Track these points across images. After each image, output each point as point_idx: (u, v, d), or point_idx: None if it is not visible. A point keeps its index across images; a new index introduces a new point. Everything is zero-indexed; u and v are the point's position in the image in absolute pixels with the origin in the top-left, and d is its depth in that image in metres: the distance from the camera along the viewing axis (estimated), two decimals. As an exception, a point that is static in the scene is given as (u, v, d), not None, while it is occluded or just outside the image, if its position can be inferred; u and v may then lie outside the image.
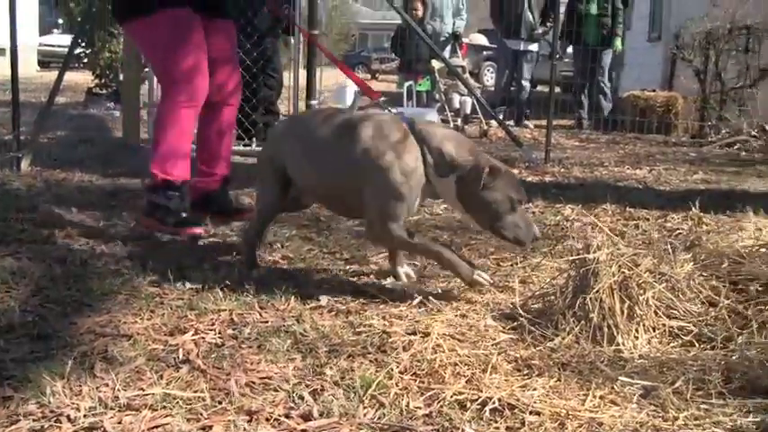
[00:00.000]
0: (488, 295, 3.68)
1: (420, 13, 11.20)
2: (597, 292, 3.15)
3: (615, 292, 3.18)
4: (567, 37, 13.02)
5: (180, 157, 4.65)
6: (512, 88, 13.22)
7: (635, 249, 3.52)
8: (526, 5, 12.62)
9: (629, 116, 12.33)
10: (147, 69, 9.50)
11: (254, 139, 8.46)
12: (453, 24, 12.47)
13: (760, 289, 3.45)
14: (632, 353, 3.03)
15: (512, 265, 4.23)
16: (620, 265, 3.24)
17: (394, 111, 3.97)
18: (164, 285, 3.71)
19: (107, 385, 2.61)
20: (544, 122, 9.33)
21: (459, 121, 11.56)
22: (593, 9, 13.06)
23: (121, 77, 10.91)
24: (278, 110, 9.45)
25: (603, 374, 2.80)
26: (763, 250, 3.78)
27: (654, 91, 12.97)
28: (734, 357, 2.96)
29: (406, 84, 10.76)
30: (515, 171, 7.44)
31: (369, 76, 36.11)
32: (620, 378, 2.75)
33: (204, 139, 4.99)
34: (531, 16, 12.64)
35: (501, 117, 11.85)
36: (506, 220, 3.58)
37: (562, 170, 7.92)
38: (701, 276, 3.56)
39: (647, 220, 5.43)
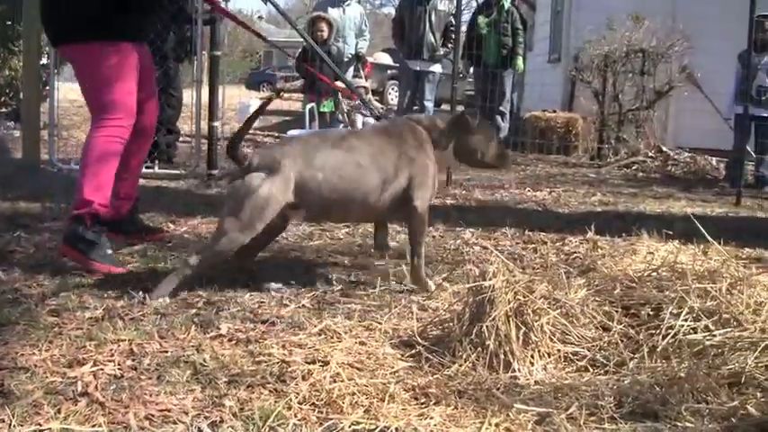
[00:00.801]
0: (387, 322, 3.72)
1: (325, 34, 11.21)
2: (493, 319, 3.21)
3: (511, 319, 3.24)
4: (468, 57, 13.18)
5: (109, 188, 4.65)
6: (414, 108, 13.31)
7: (531, 275, 3.59)
8: (428, 27, 12.72)
9: (530, 137, 12.51)
10: (47, 88, 9.40)
11: (156, 161, 8.40)
12: (356, 45, 12.52)
13: (651, 313, 3.55)
14: (528, 379, 3.09)
15: (411, 291, 4.27)
16: (515, 292, 3.30)
17: (294, 132, 4.10)
18: (63, 315, 3.66)
19: (3, 421, 2.58)
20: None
21: (363, 141, 11.59)
22: (482, 21, 13.27)
23: (21, 96, 10.74)
24: (179, 129, 9.41)
25: (499, 402, 2.84)
26: (654, 275, 3.89)
27: (554, 112, 13.19)
28: (626, 382, 3.04)
29: (309, 105, 10.77)
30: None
31: (274, 94, 35.92)
32: (515, 405, 2.80)
33: (124, 163, 4.86)
34: (432, 37, 12.74)
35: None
36: (493, 154, 4.54)
37: (463, 192, 8.01)
38: (595, 301, 3.65)
39: (546, 243, 5.52)
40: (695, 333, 3.32)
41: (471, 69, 14.13)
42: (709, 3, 13.17)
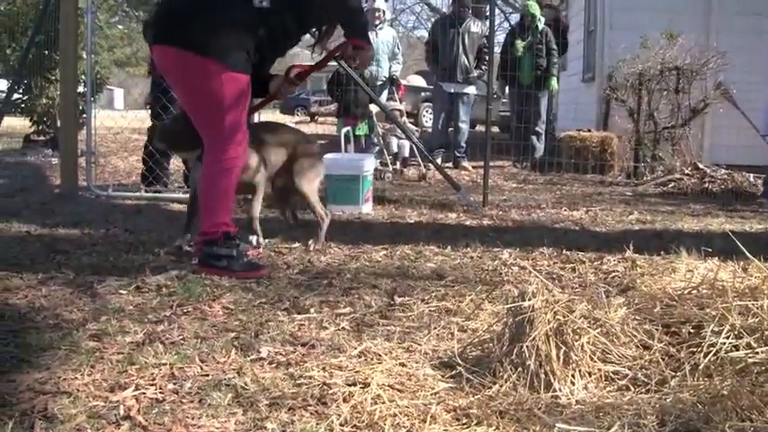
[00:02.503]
0: (427, 344, 3.71)
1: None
2: (533, 339, 3.20)
3: (551, 339, 3.23)
4: (503, 78, 13.19)
5: (231, 210, 5.23)
6: (449, 130, 13.34)
7: (570, 295, 3.58)
8: (461, 49, 12.76)
9: (566, 156, 12.48)
10: (84, 116, 9.49)
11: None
12: (390, 68, 12.56)
13: (692, 331, 3.53)
14: (569, 399, 3.08)
15: (453, 312, 4.26)
16: (555, 312, 3.29)
17: (330, 156, 4.21)
18: (104, 339, 3.68)
19: (47, 445, 2.60)
20: (482, 163, 9.39)
21: (398, 164, 11.63)
22: (519, 45, 13.31)
23: (59, 124, 10.85)
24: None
25: (541, 421, 2.83)
26: (694, 292, 3.86)
27: (589, 131, 13.14)
28: (668, 400, 3.02)
29: (344, 129, 10.80)
30: (454, 215, 7.53)
31: (308, 118, 36.08)
32: (557, 425, 2.79)
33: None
34: (465, 59, 12.78)
35: (439, 160, 11.95)
36: None
37: (500, 213, 7.99)
38: (635, 320, 3.63)
39: (584, 262, 5.50)
40: (737, 350, 3.28)
41: (506, 90, 14.17)
42: (742, 19, 13.13)
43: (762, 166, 10.77)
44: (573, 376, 3.20)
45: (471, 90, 13.15)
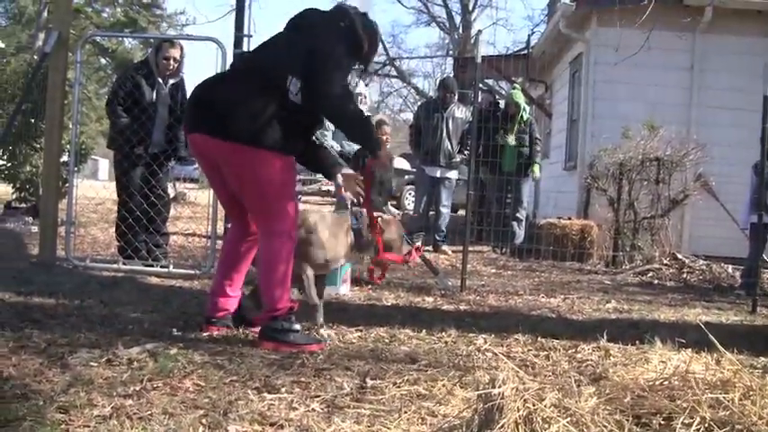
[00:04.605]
0: (397, 428, 3.69)
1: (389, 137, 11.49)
2: (502, 426, 3.18)
3: (520, 427, 3.21)
4: (485, 164, 13.26)
5: (290, 283, 5.41)
6: (431, 213, 13.37)
7: (541, 383, 3.57)
8: (444, 133, 12.85)
9: (545, 244, 12.52)
10: (67, 185, 9.51)
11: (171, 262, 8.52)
12: (372, 150, 12.63)
13: (662, 423, 3.51)
14: (537, 488, 3.06)
15: (424, 397, 4.24)
16: (524, 400, 3.28)
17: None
18: (71, 412, 3.65)
19: None
20: (461, 248, 9.41)
21: (379, 246, 11.63)
22: (511, 140, 13.41)
23: (41, 192, 10.87)
24: (167, 230, 9.57)
25: None
26: (666, 383, 3.86)
27: (570, 219, 13.20)
28: (636, 493, 3.01)
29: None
30: (431, 299, 7.53)
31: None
32: None
33: (241, 263, 5.67)
34: (449, 144, 12.86)
35: (420, 243, 11.97)
36: None
37: (477, 298, 7.99)
38: (606, 410, 3.61)
39: (558, 350, 5.49)
40: (707, 444, 3.28)
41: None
42: (722, 112, 13.36)
43: (740, 258, 10.84)
44: (541, 465, 3.18)
45: (454, 175, 13.21)
